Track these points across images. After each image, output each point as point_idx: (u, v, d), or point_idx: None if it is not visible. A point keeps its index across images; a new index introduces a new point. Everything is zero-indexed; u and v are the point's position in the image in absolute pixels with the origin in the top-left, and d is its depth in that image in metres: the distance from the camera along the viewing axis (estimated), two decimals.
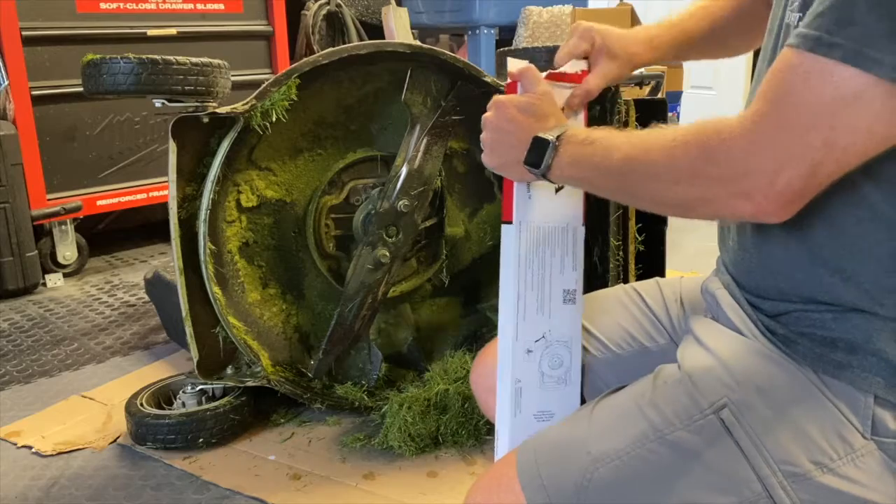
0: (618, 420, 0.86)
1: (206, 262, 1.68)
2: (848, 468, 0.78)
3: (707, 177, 0.76)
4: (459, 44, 5.15)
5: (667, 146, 0.80)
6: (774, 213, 0.74)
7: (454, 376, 1.79)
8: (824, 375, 0.80)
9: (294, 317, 1.88)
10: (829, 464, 0.78)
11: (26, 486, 1.61)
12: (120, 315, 2.65)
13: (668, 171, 0.80)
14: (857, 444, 0.78)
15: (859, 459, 0.78)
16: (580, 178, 0.91)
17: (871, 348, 0.78)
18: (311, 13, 4.01)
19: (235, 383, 1.77)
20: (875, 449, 0.78)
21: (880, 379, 0.77)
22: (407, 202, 1.78)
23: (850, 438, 0.78)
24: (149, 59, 1.57)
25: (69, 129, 3.01)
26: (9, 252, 2.77)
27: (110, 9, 3.08)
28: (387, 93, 1.85)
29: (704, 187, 0.77)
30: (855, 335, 0.79)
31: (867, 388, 0.78)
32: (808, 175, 0.71)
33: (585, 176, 0.90)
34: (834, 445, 0.78)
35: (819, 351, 0.80)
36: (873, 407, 0.78)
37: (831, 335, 0.80)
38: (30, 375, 2.18)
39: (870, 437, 0.78)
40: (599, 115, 1.93)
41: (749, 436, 0.79)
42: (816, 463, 0.78)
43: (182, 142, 1.62)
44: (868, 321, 0.78)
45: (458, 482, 1.57)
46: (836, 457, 0.78)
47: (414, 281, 1.98)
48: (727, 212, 0.78)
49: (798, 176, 0.71)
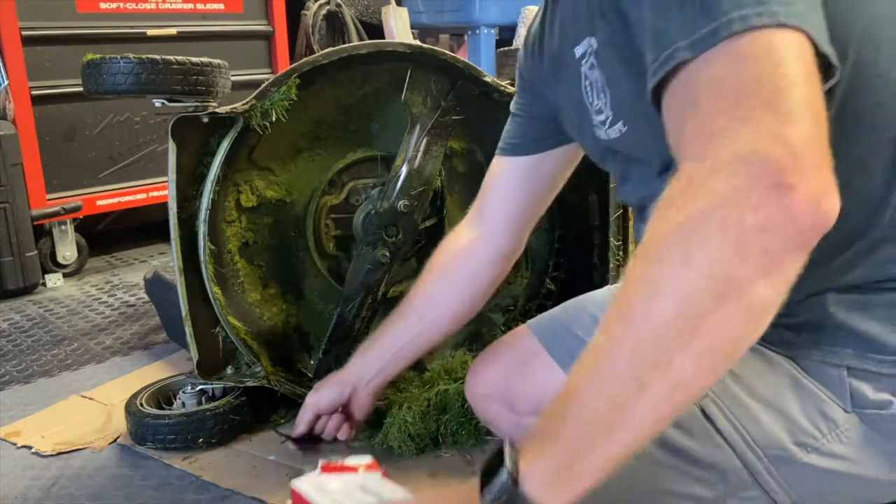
0: None
1: (205, 262, 1.67)
2: (833, 445, 0.79)
3: (708, 212, 0.56)
4: (459, 44, 5.15)
5: (634, 268, 0.60)
6: (828, 193, 0.57)
7: (454, 376, 1.79)
8: (799, 359, 0.81)
9: (294, 317, 1.88)
10: (812, 443, 0.79)
11: (26, 486, 1.61)
12: (120, 315, 2.64)
13: (688, 256, 0.56)
14: (839, 419, 0.79)
15: (843, 434, 0.79)
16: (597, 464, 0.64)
17: (834, 322, 0.79)
18: (311, 13, 4.01)
19: (235, 383, 1.77)
20: (858, 422, 0.79)
21: (850, 350, 0.78)
22: (407, 202, 1.78)
23: (832, 415, 0.79)
24: (149, 59, 1.57)
25: (69, 129, 3.01)
26: (9, 252, 2.77)
27: (110, 9, 3.08)
28: (387, 93, 1.85)
29: (720, 221, 0.56)
30: (817, 314, 0.80)
31: (839, 362, 0.79)
32: (819, 136, 0.58)
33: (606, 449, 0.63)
34: (817, 424, 0.79)
35: (788, 336, 0.82)
36: (848, 380, 0.78)
37: (796, 321, 0.81)
38: (30, 375, 2.18)
39: (851, 411, 0.79)
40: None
41: (732, 424, 0.80)
42: (800, 444, 0.79)
43: (182, 142, 1.62)
44: (824, 299, 0.79)
45: (458, 483, 1.57)
46: (820, 435, 0.79)
47: (414, 281, 1.98)
48: (784, 218, 0.55)
49: (808, 143, 0.57)
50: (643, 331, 0.57)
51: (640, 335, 0.57)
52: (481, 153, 2.01)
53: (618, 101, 0.82)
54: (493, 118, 1.98)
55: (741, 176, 0.55)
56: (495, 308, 2.07)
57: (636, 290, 0.58)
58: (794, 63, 0.59)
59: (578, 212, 2.00)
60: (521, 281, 2.08)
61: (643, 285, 0.58)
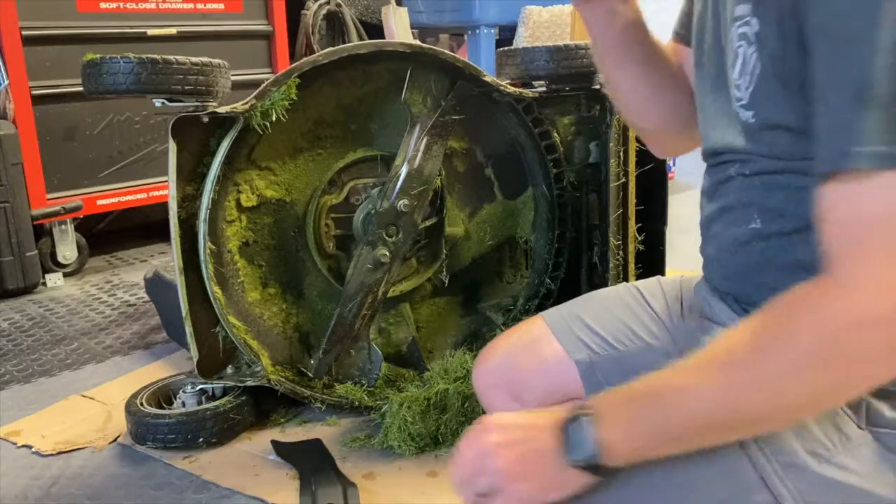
0: None
1: (206, 261, 1.68)
2: (844, 458, 0.79)
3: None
4: (459, 43, 5.15)
5: (748, 337, 0.70)
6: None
7: (454, 376, 1.79)
8: None
9: (294, 316, 1.88)
10: (825, 454, 0.79)
11: (26, 486, 1.61)
12: (120, 315, 2.65)
13: (779, 360, 0.67)
14: (853, 434, 0.79)
15: (856, 450, 0.79)
16: (647, 445, 0.74)
17: None
18: (311, 13, 4.01)
19: (235, 383, 1.77)
20: (871, 440, 0.79)
21: None
22: (407, 202, 1.78)
23: (846, 429, 0.79)
24: (149, 59, 1.57)
25: (69, 129, 3.01)
26: (9, 252, 2.77)
27: (110, 8, 3.08)
28: (387, 93, 1.85)
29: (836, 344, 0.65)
30: None
31: None
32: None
33: (654, 439, 0.73)
34: (830, 436, 0.79)
35: None
36: (866, 397, 0.78)
37: None
38: (30, 375, 2.18)
39: (865, 428, 0.79)
40: (599, 114, 1.93)
41: None
42: (813, 454, 0.79)
43: (182, 141, 1.62)
44: None
45: None
46: (832, 447, 0.79)
47: (414, 281, 1.98)
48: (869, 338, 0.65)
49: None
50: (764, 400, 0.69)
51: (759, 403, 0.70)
52: (481, 153, 2.02)
53: (760, 96, 0.79)
54: (493, 118, 1.99)
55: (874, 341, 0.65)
56: (495, 308, 2.07)
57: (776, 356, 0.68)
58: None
59: (578, 212, 2.00)
60: (520, 281, 2.08)
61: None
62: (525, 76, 1.92)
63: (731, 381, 0.70)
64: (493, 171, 2.03)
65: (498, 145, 2.02)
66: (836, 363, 0.66)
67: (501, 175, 2.04)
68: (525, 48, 1.90)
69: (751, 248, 0.87)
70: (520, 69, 1.91)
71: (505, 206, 2.06)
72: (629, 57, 1.04)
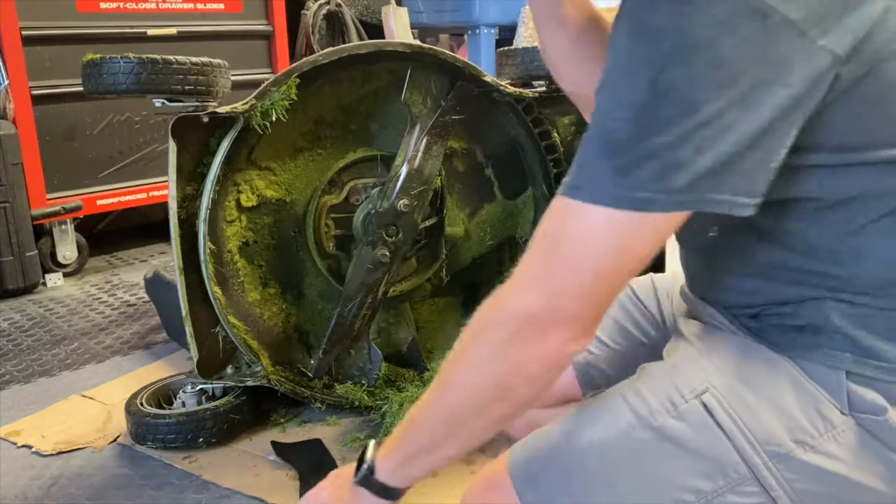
0: (604, 412, 0.87)
1: (206, 261, 1.68)
2: (829, 445, 0.80)
3: (499, 340, 0.77)
4: (459, 43, 5.15)
5: (455, 352, 0.82)
6: (577, 338, 0.76)
7: None
8: (798, 359, 0.83)
9: (294, 316, 1.89)
10: (810, 441, 0.80)
11: (26, 486, 1.61)
12: (120, 315, 2.65)
13: (468, 366, 0.81)
14: (836, 420, 0.80)
15: (840, 436, 0.80)
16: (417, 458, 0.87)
17: (833, 327, 0.81)
18: (311, 13, 4.01)
19: (235, 383, 1.77)
20: (854, 425, 0.80)
21: (848, 354, 0.80)
22: (407, 202, 1.78)
23: (829, 416, 0.80)
24: (149, 59, 1.57)
25: (69, 129, 3.01)
26: (9, 252, 2.77)
27: (110, 8, 3.08)
28: (387, 93, 1.85)
29: (505, 348, 0.77)
30: (816, 318, 0.82)
31: (838, 365, 0.80)
32: (588, 297, 0.75)
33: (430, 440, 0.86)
34: (815, 423, 0.80)
35: (790, 336, 0.83)
36: (846, 383, 0.80)
37: (798, 322, 0.83)
38: (30, 375, 2.18)
39: (848, 413, 0.80)
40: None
41: (731, 418, 0.81)
42: (798, 441, 0.80)
43: (182, 141, 1.62)
44: (821, 304, 0.81)
45: (458, 482, 1.57)
46: (817, 434, 0.80)
47: (414, 281, 1.98)
48: (539, 357, 0.77)
49: (577, 300, 0.75)
50: (459, 398, 0.82)
51: (456, 401, 0.82)
52: (481, 153, 2.02)
53: None
54: (493, 118, 1.99)
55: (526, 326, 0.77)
56: None
57: (458, 367, 0.83)
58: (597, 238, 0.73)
59: None
60: None
61: (465, 365, 0.82)
62: (525, 76, 1.92)
63: (444, 382, 0.83)
64: (493, 171, 2.04)
65: (498, 145, 2.02)
66: (505, 352, 0.77)
67: (501, 175, 2.04)
68: (525, 48, 1.90)
69: (715, 257, 0.89)
70: (520, 69, 1.91)
71: (505, 206, 2.06)
72: (562, 28, 1.06)
